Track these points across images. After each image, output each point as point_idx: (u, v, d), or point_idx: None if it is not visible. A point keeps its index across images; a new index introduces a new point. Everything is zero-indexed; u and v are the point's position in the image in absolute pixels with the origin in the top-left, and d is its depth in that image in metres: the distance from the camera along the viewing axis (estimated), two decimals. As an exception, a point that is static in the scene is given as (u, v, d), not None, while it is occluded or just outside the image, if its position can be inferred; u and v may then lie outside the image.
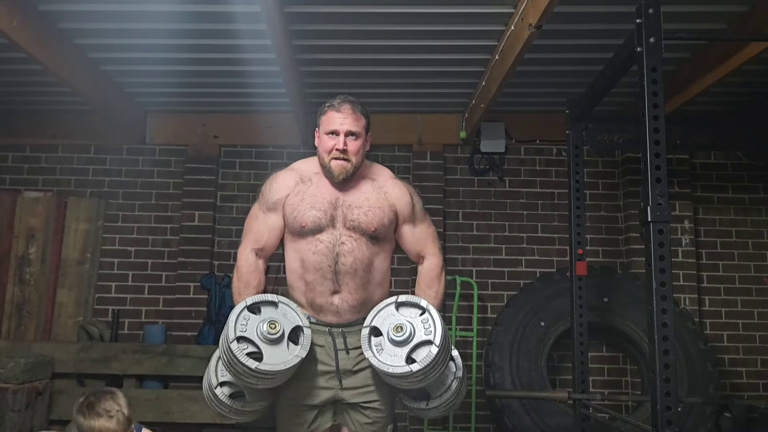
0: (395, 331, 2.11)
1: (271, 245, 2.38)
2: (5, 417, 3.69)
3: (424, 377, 2.11)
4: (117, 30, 3.48)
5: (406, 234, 2.40)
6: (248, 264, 2.35)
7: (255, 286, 2.33)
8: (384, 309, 2.19)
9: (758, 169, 4.82)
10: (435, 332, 2.09)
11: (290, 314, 2.18)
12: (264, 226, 2.36)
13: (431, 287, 2.38)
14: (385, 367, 2.09)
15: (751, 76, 3.95)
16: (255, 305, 2.15)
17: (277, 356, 2.08)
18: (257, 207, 2.40)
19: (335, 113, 2.28)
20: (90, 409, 2.23)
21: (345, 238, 2.25)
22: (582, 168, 3.57)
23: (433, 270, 2.40)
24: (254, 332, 2.08)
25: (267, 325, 2.08)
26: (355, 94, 4.05)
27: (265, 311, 2.15)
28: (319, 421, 2.29)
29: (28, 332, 4.46)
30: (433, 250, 2.43)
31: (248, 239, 2.38)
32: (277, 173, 2.40)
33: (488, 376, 4.18)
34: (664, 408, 2.25)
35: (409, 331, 2.10)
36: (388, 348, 2.13)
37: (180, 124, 4.84)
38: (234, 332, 2.05)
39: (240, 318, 2.09)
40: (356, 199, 2.30)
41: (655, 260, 2.31)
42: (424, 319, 2.14)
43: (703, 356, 4.12)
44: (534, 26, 2.88)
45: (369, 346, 2.14)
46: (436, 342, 2.07)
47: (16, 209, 4.59)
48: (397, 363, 2.09)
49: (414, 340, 2.11)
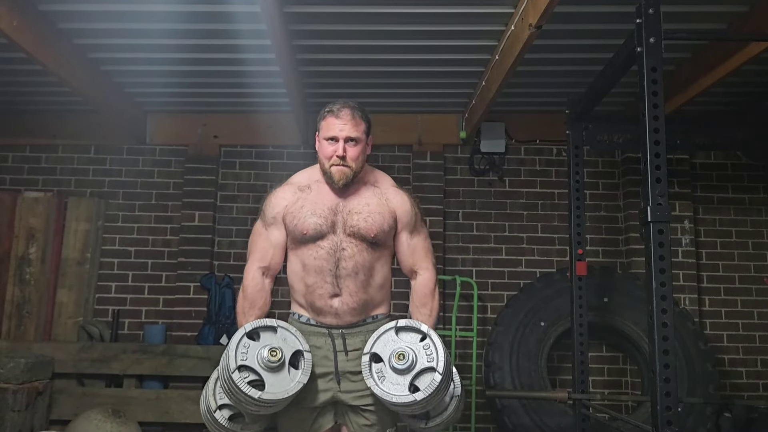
0: (397, 359, 2.08)
1: (277, 262, 2.37)
2: (5, 417, 3.70)
3: (427, 404, 2.11)
4: (117, 30, 3.48)
5: (402, 243, 2.38)
6: (254, 283, 2.33)
7: (260, 306, 2.32)
8: (384, 334, 2.17)
9: (758, 169, 4.82)
10: (437, 359, 2.07)
11: (290, 339, 2.16)
12: (268, 243, 2.35)
13: (425, 305, 2.35)
14: (388, 396, 2.07)
15: (751, 76, 3.95)
16: (254, 331, 2.13)
17: (278, 384, 2.07)
18: (260, 224, 2.40)
19: (334, 119, 2.27)
20: None
21: (345, 244, 2.25)
22: (582, 168, 3.57)
23: (426, 286, 2.37)
24: (255, 360, 2.07)
25: (268, 352, 2.06)
26: (355, 94, 4.11)
27: (265, 337, 2.13)
28: (319, 422, 2.29)
29: (28, 332, 4.46)
30: (427, 265, 2.40)
31: (254, 257, 2.37)
32: (276, 189, 2.40)
33: (488, 376, 4.18)
34: (664, 408, 2.25)
35: (412, 359, 2.08)
36: (389, 376, 2.11)
37: (180, 124, 4.84)
38: (235, 362, 2.03)
39: (240, 346, 2.07)
40: (356, 204, 2.30)
41: (655, 260, 2.31)
42: (425, 345, 2.11)
43: (703, 356, 4.12)
44: (534, 26, 2.88)
45: (370, 373, 2.12)
46: (439, 369, 2.06)
47: (16, 209, 4.59)
48: (400, 392, 2.07)
49: (416, 368, 2.09)
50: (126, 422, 3.79)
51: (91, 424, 3.69)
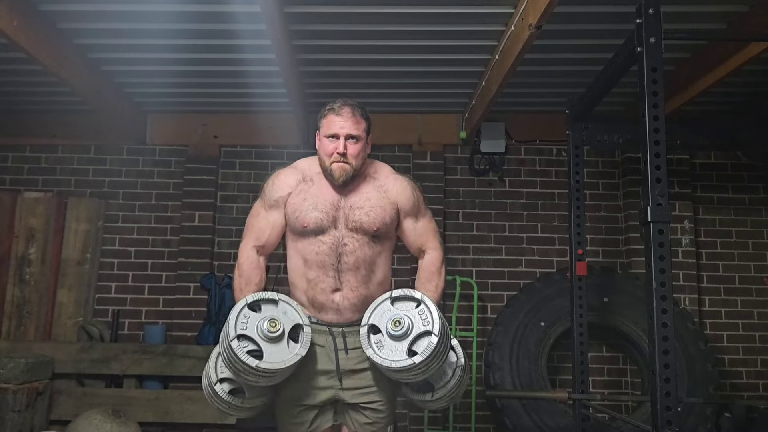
0: (393, 325, 2.11)
1: (273, 242, 2.40)
2: (5, 417, 3.70)
3: (427, 368, 2.12)
4: (117, 30, 3.48)
5: (408, 229, 2.41)
6: (250, 261, 2.36)
7: (256, 283, 2.34)
8: (380, 305, 2.20)
9: (758, 169, 4.82)
10: (432, 322, 2.10)
11: (290, 312, 2.19)
12: (266, 223, 2.37)
13: (431, 281, 2.39)
14: (387, 362, 2.09)
15: (751, 76, 3.95)
16: (255, 303, 2.15)
17: (277, 354, 2.09)
18: (259, 204, 2.41)
19: (335, 117, 2.29)
20: None
21: (347, 239, 2.27)
22: (582, 168, 3.57)
23: (434, 264, 2.41)
24: (255, 330, 2.09)
25: (267, 323, 2.09)
26: (354, 93, 4.09)
27: (266, 309, 2.16)
28: (319, 421, 2.29)
29: (28, 332, 4.46)
30: (434, 245, 2.44)
31: (250, 236, 2.39)
32: (280, 171, 2.41)
33: (488, 376, 4.18)
34: (664, 408, 2.25)
35: (407, 324, 2.11)
36: (388, 344, 2.13)
37: (180, 124, 4.84)
38: (234, 330, 2.06)
39: (240, 316, 2.10)
40: (358, 200, 2.32)
41: (655, 260, 2.31)
42: (420, 311, 2.15)
43: (703, 356, 4.12)
44: (534, 26, 2.89)
45: (369, 344, 2.14)
46: (435, 331, 2.08)
47: (16, 209, 4.59)
48: (399, 357, 2.09)
49: (413, 333, 2.11)
50: (126, 422, 3.79)
51: (91, 425, 3.69)
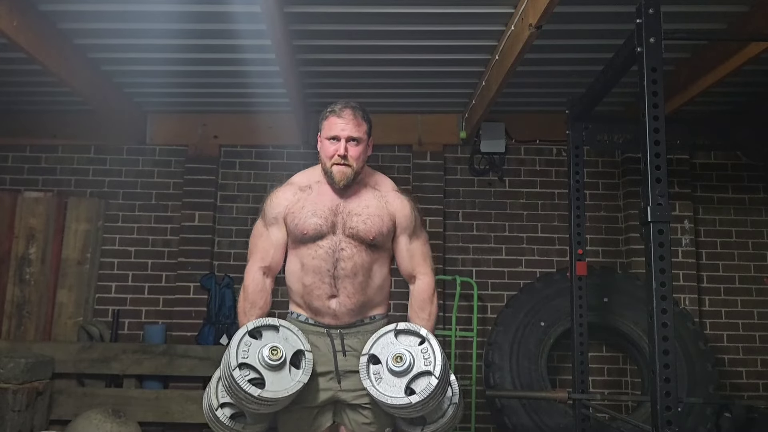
0: (395, 361, 2.09)
1: (278, 262, 2.38)
2: (5, 417, 3.70)
3: (423, 408, 2.11)
4: (117, 30, 3.48)
5: (401, 247, 2.39)
6: (255, 283, 2.34)
7: (261, 306, 2.32)
8: (383, 337, 2.18)
9: (758, 169, 4.82)
10: (434, 363, 2.08)
11: (291, 338, 2.17)
12: (269, 243, 2.36)
13: (424, 309, 2.36)
14: (384, 398, 2.08)
15: (751, 76, 3.95)
16: (256, 330, 2.14)
17: (279, 382, 2.08)
18: (260, 223, 2.41)
19: (336, 119, 2.28)
20: None
21: (344, 245, 2.26)
22: (582, 168, 3.57)
23: (425, 291, 2.38)
24: (256, 358, 2.08)
25: (269, 351, 2.07)
26: (354, 94, 4.11)
27: (267, 336, 2.14)
28: (319, 421, 2.29)
29: (28, 332, 4.46)
30: (425, 270, 2.40)
31: (255, 257, 2.38)
32: (276, 189, 2.41)
33: (488, 376, 4.18)
34: (664, 408, 2.25)
35: (409, 362, 2.09)
36: (386, 377, 2.12)
37: (180, 124, 4.84)
38: (236, 359, 2.04)
39: (241, 344, 2.08)
40: (356, 206, 2.31)
41: (655, 260, 2.31)
42: (423, 349, 2.12)
43: (703, 356, 4.12)
44: (534, 26, 2.89)
45: (368, 374, 2.13)
46: (436, 373, 2.06)
47: (16, 209, 4.59)
48: (396, 394, 2.08)
49: (413, 371, 2.09)
50: (126, 422, 3.79)
51: (91, 424, 3.69)
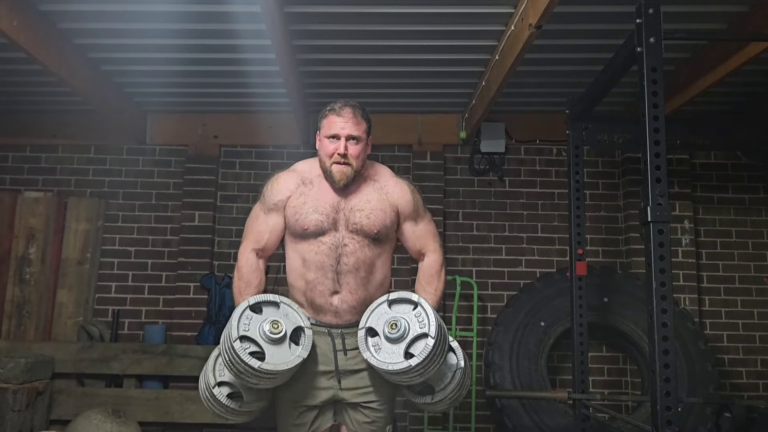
0: (390, 328, 2.12)
1: (272, 245, 2.40)
2: (5, 417, 3.70)
3: (425, 371, 2.12)
4: (117, 30, 3.48)
5: (408, 232, 2.42)
6: (249, 264, 2.36)
7: (256, 285, 2.34)
8: (377, 308, 2.21)
9: (758, 169, 4.82)
10: (429, 324, 2.11)
11: (292, 315, 2.19)
12: (265, 227, 2.37)
13: (431, 284, 2.40)
14: (384, 365, 2.10)
15: (751, 76, 3.95)
16: (257, 305, 2.16)
17: (279, 356, 2.09)
18: (258, 207, 2.41)
19: (336, 117, 2.29)
20: None
21: (347, 240, 2.27)
22: (582, 168, 3.57)
23: (433, 267, 2.42)
24: (257, 332, 2.10)
25: (270, 325, 2.09)
26: (354, 94, 4.10)
27: (267, 311, 2.16)
28: (319, 421, 2.30)
29: (28, 332, 4.46)
30: (434, 247, 2.44)
31: (249, 239, 2.40)
32: (279, 174, 2.41)
33: (488, 376, 4.18)
34: (664, 408, 2.25)
35: (404, 327, 2.12)
36: (385, 346, 2.14)
37: (180, 124, 4.84)
38: (237, 331, 2.06)
39: (243, 317, 2.11)
40: (358, 202, 2.32)
41: (655, 260, 2.31)
42: (417, 313, 2.15)
43: (703, 356, 4.12)
44: (534, 26, 2.89)
45: (366, 346, 2.15)
46: (431, 334, 2.08)
47: (16, 209, 4.59)
48: (395, 360, 2.10)
49: (410, 335, 2.12)
50: (126, 422, 3.79)
51: (91, 424, 3.69)
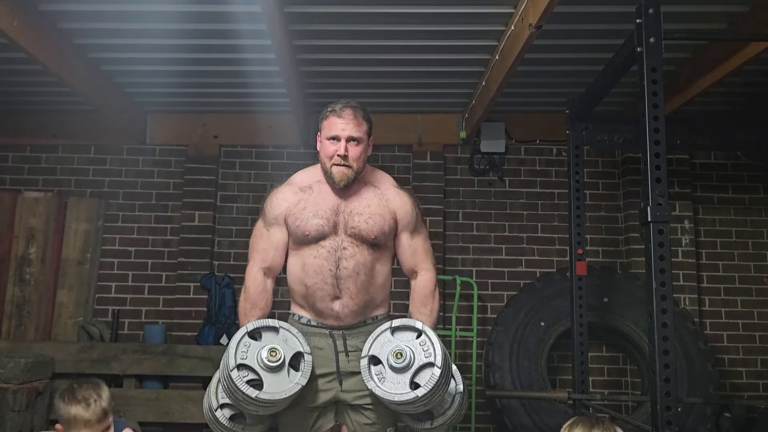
0: (395, 357, 2.09)
1: (278, 263, 2.38)
2: (5, 417, 3.70)
3: (430, 400, 2.10)
4: (117, 30, 3.48)
5: (403, 243, 2.39)
6: (256, 284, 2.34)
7: (262, 307, 2.32)
8: (380, 336, 2.18)
9: (758, 169, 4.82)
10: (435, 353, 2.08)
11: (291, 340, 2.17)
12: (269, 244, 2.36)
13: (425, 305, 2.36)
14: (390, 396, 2.07)
15: (751, 76, 3.95)
16: (256, 331, 2.14)
17: (277, 384, 2.08)
18: (260, 224, 2.41)
19: (337, 119, 2.28)
20: (70, 394, 2.18)
21: (346, 244, 2.26)
22: (582, 168, 3.57)
23: (427, 287, 2.38)
24: (254, 360, 2.08)
25: (267, 353, 2.07)
26: (355, 94, 4.10)
27: (266, 337, 2.14)
28: (320, 422, 2.29)
29: (28, 332, 4.46)
30: (427, 265, 2.41)
31: (255, 258, 2.37)
32: (277, 189, 2.41)
33: (488, 376, 4.18)
34: (664, 408, 2.25)
35: (409, 357, 2.09)
36: (389, 376, 2.11)
37: (180, 124, 4.84)
38: (234, 360, 2.04)
39: (241, 345, 2.08)
40: (357, 205, 2.31)
41: (655, 260, 2.31)
42: (422, 342, 2.12)
43: (703, 356, 4.12)
44: (534, 26, 2.88)
45: (370, 376, 2.12)
46: (438, 363, 2.06)
47: (16, 209, 4.59)
48: (401, 390, 2.07)
49: (415, 365, 2.09)
50: (126, 422, 3.78)
51: (91, 424, 3.68)
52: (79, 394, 2.17)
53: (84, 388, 2.20)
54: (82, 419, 2.14)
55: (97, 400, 2.17)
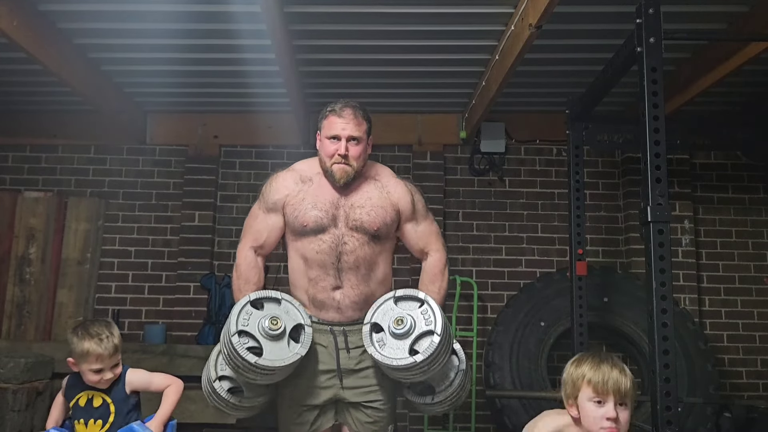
0: (396, 324, 2.12)
1: (271, 243, 2.40)
2: (5, 417, 3.70)
3: (428, 368, 2.12)
4: (117, 30, 3.48)
5: (409, 232, 2.42)
6: (247, 261, 2.36)
7: (255, 282, 2.34)
8: (383, 304, 2.21)
9: (758, 169, 4.82)
10: (435, 322, 2.11)
11: (293, 312, 2.19)
12: (263, 226, 2.37)
13: (434, 282, 2.39)
14: (388, 360, 2.09)
15: (751, 76, 3.95)
16: (258, 300, 2.16)
17: (277, 352, 2.09)
18: (257, 206, 2.42)
19: (337, 118, 2.29)
20: (83, 330, 2.29)
21: (347, 238, 2.27)
22: (582, 168, 3.57)
23: (437, 266, 2.42)
24: (256, 327, 2.10)
25: (269, 321, 2.10)
26: (355, 94, 4.10)
27: (268, 307, 2.17)
28: (320, 421, 2.29)
29: (29, 332, 4.46)
30: (437, 246, 2.44)
31: (247, 238, 2.40)
32: (278, 173, 2.42)
33: (488, 376, 4.18)
34: (664, 408, 2.25)
35: (410, 323, 2.12)
36: (390, 342, 2.14)
37: (180, 124, 4.84)
38: (236, 326, 2.07)
39: (242, 312, 2.11)
40: (358, 199, 2.32)
41: (655, 260, 2.31)
42: (423, 311, 2.15)
43: (703, 356, 4.12)
44: (534, 26, 2.89)
45: (371, 342, 2.15)
46: (437, 331, 2.09)
47: (16, 209, 4.59)
48: (400, 356, 2.09)
49: (415, 332, 2.12)
50: (126, 422, 3.78)
51: (91, 424, 3.68)
52: (92, 329, 2.29)
53: (96, 324, 2.33)
54: (94, 353, 2.25)
55: (110, 337, 2.29)
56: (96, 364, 2.26)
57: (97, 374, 2.27)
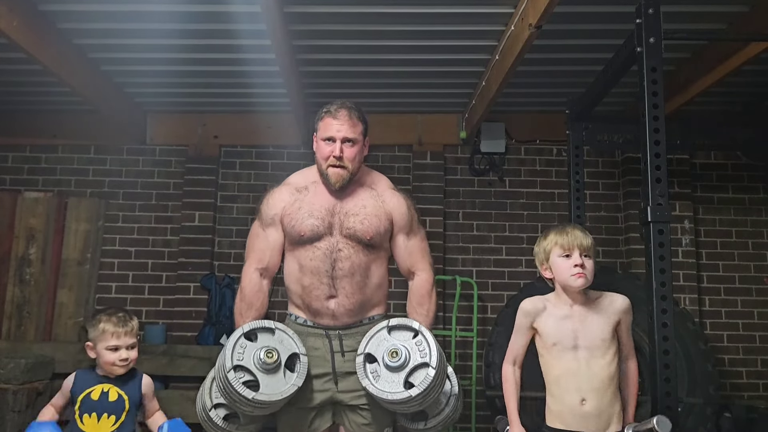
0: (390, 356, 2.09)
1: (275, 263, 2.38)
2: (5, 417, 3.69)
3: (424, 400, 2.10)
4: (117, 30, 3.48)
5: (399, 245, 2.39)
6: (252, 285, 2.34)
7: (257, 308, 2.32)
8: (377, 334, 2.17)
9: (758, 169, 4.82)
10: (430, 354, 2.08)
11: (287, 341, 2.17)
12: (265, 244, 2.36)
13: (422, 305, 2.36)
14: (384, 394, 2.07)
15: (751, 76, 3.95)
16: (252, 332, 2.14)
17: (273, 385, 2.07)
18: (257, 224, 2.41)
19: (332, 120, 2.29)
20: (102, 313, 2.40)
21: (342, 245, 2.26)
22: (582, 168, 3.57)
23: (424, 287, 2.38)
24: (251, 361, 2.07)
25: (264, 354, 2.07)
26: (354, 94, 4.11)
27: (262, 338, 2.14)
28: (318, 422, 2.29)
29: (29, 333, 4.46)
30: (424, 266, 2.40)
31: (252, 258, 2.37)
32: (273, 189, 2.41)
33: (488, 376, 4.17)
34: (664, 408, 2.26)
35: (405, 356, 2.08)
36: (384, 374, 2.11)
37: (180, 124, 4.84)
38: (231, 361, 2.04)
39: (237, 346, 2.08)
40: (353, 206, 2.31)
41: (655, 260, 2.32)
42: (417, 342, 2.12)
43: (703, 356, 4.11)
44: (534, 26, 2.89)
45: (365, 374, 2.12)
46: (433, 364, 2.06)
47: (16, 209, 4.59)
48: (395, 389, 2.07)
49: (410, 364, 2.09)
50: (126, 422, 3.78)
51: (91, 424, 3.68)
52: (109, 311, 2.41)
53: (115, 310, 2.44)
54: (110, 330, 2.34)
55: (126, 316, 2.40)
56: (113, 340, 2.32)
57: (114, 352, 2.32)
